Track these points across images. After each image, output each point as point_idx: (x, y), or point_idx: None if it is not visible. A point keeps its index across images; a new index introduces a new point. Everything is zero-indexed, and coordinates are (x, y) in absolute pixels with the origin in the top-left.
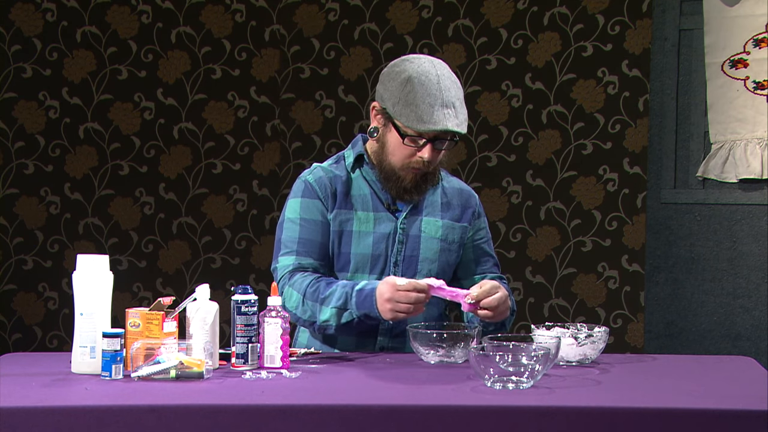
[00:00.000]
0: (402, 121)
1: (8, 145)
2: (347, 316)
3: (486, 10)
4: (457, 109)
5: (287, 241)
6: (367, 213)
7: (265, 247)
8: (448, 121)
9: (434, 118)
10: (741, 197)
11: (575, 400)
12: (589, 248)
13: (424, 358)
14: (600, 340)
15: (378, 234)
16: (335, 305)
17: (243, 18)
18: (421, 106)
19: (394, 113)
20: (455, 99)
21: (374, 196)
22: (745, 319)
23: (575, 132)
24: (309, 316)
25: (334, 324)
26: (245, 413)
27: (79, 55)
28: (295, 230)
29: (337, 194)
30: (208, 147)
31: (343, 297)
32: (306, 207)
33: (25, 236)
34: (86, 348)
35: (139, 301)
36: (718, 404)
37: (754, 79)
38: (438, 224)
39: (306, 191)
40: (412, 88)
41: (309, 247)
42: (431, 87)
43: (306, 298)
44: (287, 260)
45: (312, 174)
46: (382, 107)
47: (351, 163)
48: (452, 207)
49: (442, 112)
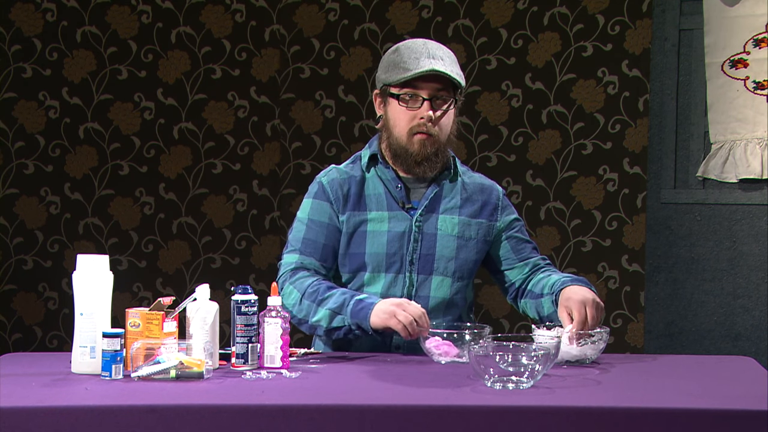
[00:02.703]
0: (392, 81)
1: (8, 145)
2: (339, 320)
3: (486, 10)
4: (446, 61)
5: (293, 240)
6: (382, 212)
7: (265, 247)
8: (435, 65)
9: (420, 64)
10: (741, 197)
11: (575, 400)
12: (589, 248)
13: (434, 359)
14: (600, 340)
15: (393, 233)
16: (330, 307)
17: (243, 18)
18: (408, 60)
19: (387, 79)
20: (444, 55)
21: (388, 194)
22: (745, 319)
23: (575, 132)
24: (303, 315)
25: (325, 325)
26: (245, 413)
27: (79, 55)
28: (301, 230)
29: (350, 196)
30: (208, 147)
31: (340, 302)
32: (315, 208)
33: (25, 236)
34: (86, 348)
35: (139, 301)
36: (718, 404)
37: (754, 79)
38: (454, 221)
39: (318, 193)
40: (398, 53)
41: (312, 248)
42: (417, 47)
43: (304, 297)
44: (291, 258)
45: (327, 176)
46: (379, 89)
47: (366, 163)
48: (471, 202)
49: (428, 61)
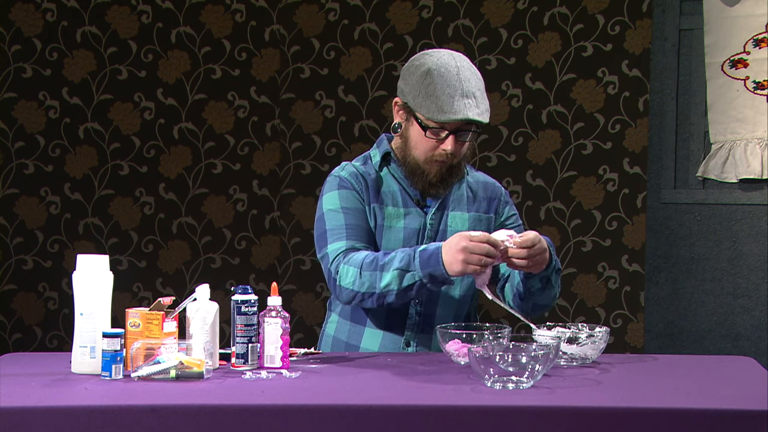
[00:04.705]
0: (423, 113)
1: (8, 145)
2: (409, 278)
3: (486, 10)
4: (478, 99)
5: (334, 229)
6: (397, 209)
7: (265, 247)
8: (469, 111)
9: (454, 107)
10: (741, 197)
11: (575, 400)
12: (589, 248)
13: (453, 359)
14: (600, 340)
15: (408, 229)
16: (397, 267)
17: (243, 18)
18: (441, 97)
19: (415, 106)
20: (475, 89)
21: (403, 192)
22: (745, 319)
23: (575, 132)
24: (367, 287)
25: (396, 288)
26: (245, 413)
27: (79, 55)
28: (339, 218)
29: (369, 190)
30: (208, 147)
31: (405, 258)
32: (345, 197)
33: (25, 236)
34: (86, 348)
35: (139, 301)
36: (718, 404)
37: (754, 79)
38: (465, 217)
39: (341, 184)
40: (431, 80)
41: (357, 231)
42: (450, 78)
43: (363, 269)
44: (338, 245)
45: (344, 170)
46: (403, 102)
47: (378, 162)
48: (478, 200)
49: (462, 102)
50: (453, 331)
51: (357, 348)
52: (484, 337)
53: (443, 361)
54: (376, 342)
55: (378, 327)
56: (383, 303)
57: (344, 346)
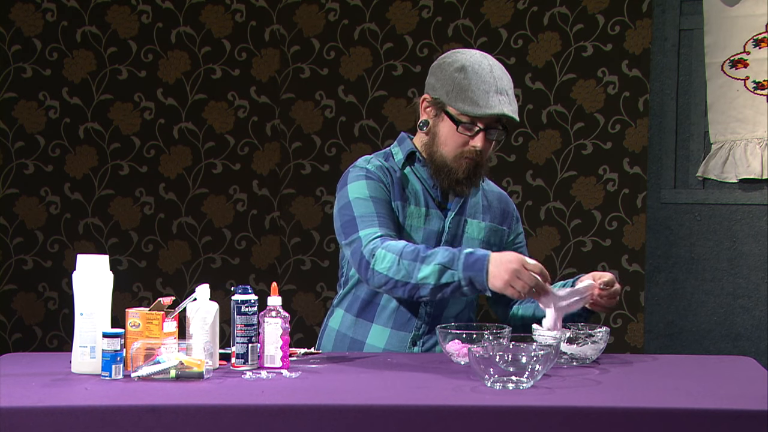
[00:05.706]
0: (458, 107)
1: (8, 145)
2: (449, 276)
3: (486, 10)
4: (510, 97)
5: (364, 216)
6: (419, 209)
7: (265, 247)
8: (504, 107)
9: (490, 102)
10: (741, 197)
11: (575, 400)
12: (589, 248)
13: (453, 359)
14: (600, 340)
15: (428, 230)
16: (439, 262)
17: (243, 18)
18: (477, 92)
19: (449, 100)
20: (508, 87)
21: (426, 192)
22: (745, 319)
23: (575, 132)
24: (403, 275)
25: (433, 283)
26: (245, 413)
27: (79, 55)
28: (369, 206)
29: (394, 185)
30: (208, 147)
31: (449, 256)
32: (373, 188)
33: (25, 236)
34: (86, 348)
35: (139, 301)
36: (718, 404)
37: (754, 79)
38: (481, 226)
39: (369, 175)
40: (466, 75)
41: (388, 221)
42: (485, 74)
43: (402, 258)
44: (371, 230)
45: (369, 163)
46: (433, 98)
47: (401, 160)
48: (492, 210)
49: (497, 98)
50: (453, 331)
51: (362, 344)
52: (484, 337)
53: (443, 361)
54: (383, 339)
55: (386, 324)
56: (414, 295)
57: (349, 341)
